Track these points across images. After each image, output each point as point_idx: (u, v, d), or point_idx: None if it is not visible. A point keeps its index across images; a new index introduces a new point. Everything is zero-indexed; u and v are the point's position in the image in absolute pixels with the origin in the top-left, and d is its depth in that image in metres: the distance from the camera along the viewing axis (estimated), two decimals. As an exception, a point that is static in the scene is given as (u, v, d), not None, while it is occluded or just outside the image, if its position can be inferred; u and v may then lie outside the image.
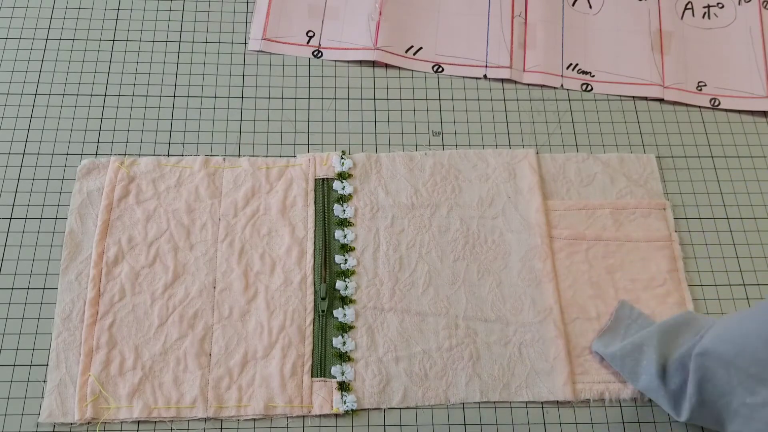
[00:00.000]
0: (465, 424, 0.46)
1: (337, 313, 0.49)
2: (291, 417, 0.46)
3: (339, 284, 0.50)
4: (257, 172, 0.53)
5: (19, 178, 0.52)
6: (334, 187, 0.53)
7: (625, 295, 0.50)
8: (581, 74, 0.59)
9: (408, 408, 0.46)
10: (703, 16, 0.63)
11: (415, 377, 0.47)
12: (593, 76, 0.59)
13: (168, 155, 0.53)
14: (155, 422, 0.45)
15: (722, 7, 0.63)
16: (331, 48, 0.59)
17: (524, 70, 0.59)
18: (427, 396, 0.47)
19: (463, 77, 0.59)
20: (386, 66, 0.59)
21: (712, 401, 0.41)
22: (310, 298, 0.49)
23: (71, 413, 0.45)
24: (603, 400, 0.47)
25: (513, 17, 0.61)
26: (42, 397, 0.45)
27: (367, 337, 0.48)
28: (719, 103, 0.58)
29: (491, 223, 0.53)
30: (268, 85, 0.57)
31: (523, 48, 0.60)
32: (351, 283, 0.50)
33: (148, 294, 0.49)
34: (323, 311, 0.49)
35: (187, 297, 0.49)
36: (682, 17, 0.62)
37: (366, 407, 0.46)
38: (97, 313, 0.48)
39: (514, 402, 0.47)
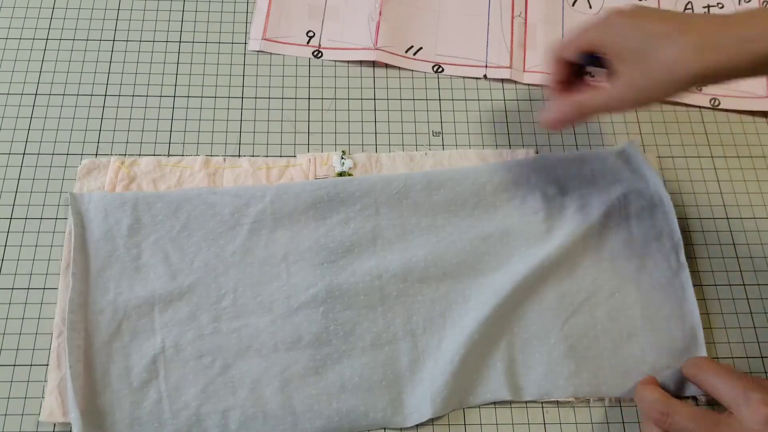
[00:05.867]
0: (465, 424, 0.46)
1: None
2: (291, 417, 0.46)
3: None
4: (257, 173, 0.53)
5: (19, 178, 0.52)
6: (334, 187, 0.53)
7: (626, 295, 0.51)
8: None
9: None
10: (703, 16, 0.63)
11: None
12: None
13: (168, 155, 0.53)
14: (155, 422, 0.45)
15: (722, 7, 0.63)
16: (331, 48, 0.59)
17: (524, 70, 0.59)
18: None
19: (463, 77, 0.59)
20: (386, 66, 0.59)
21: None
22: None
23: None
24: (603, 400, 0.47)
25: (513, 17, 0.61)
26: (42, 397, 0.45)
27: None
28: (719, 103, 0.58)
29: (491, 223, 0.53)
30: (268, 85, 0.57)
31: (523, 48, 0.60)
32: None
33: (149, 294, 0.49)
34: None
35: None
36: (682, 17, 0.62)
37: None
38: (98, 313, 0.48)
39: (514, 402, 0.47)
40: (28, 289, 0.48)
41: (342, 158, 0.54)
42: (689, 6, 0.63)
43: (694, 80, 0.40)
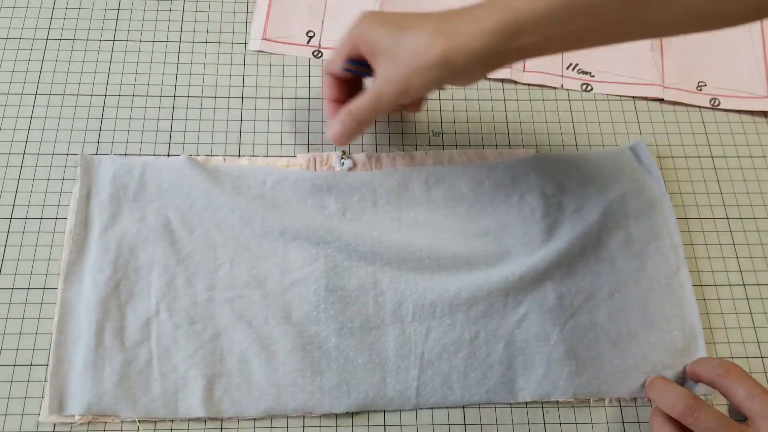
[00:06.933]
0: (465, 424, 0.46)
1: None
2: (291, 417, 0.46)
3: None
4: (257, 172, 0.53)
5: (19, 178, 0.52)
6: (334, 187, 0.53)
7: (626, 295, 0.51)
8: (581, 74, 0.59)
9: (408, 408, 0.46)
10: (703, 16, 0.63)
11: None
12: (593, 76, 0.59)
13: (168, 155, 0.53)
14: (155, 422, 0.45)
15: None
16: (331, 48, 0.59)
17: (524, 70, 0.59)
18: (428, 396, 0.47)
19: (463, 77, 0.59)
20: (386, 66, 0.59)
21: None
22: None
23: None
24: (603, 400, 0.47)
25: (513, 17, 0.61)
26: (42, 397, 0.45)
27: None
28: (719, 103, 0.58)
29: (491, 223, 0.53)
30: (268, 85, 0.57)
31: (523, 48, 0.60)
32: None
33: (149, 294, 0.49)
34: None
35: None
36: (682, 17, 0.62)
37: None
38: (98, 312, 0.48)
39: (514, 402, 0.47)
40: (28, 289, 0.48)
41: (342, 158, 0.54)
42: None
43: (441, 62, 0.41)
